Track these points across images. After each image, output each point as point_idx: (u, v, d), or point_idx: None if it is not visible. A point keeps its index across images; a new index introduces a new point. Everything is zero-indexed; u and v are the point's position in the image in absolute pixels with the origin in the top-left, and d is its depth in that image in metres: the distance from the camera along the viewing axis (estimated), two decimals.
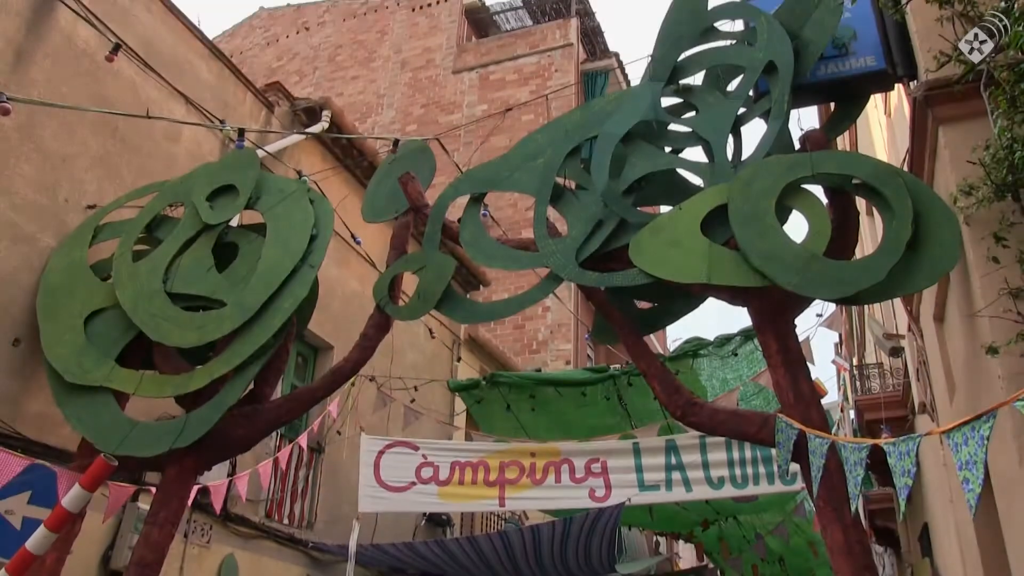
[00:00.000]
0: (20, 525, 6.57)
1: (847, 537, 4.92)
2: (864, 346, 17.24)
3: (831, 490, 4.97)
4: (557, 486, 9.68)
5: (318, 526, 10.63)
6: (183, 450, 6.19)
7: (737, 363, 10.75)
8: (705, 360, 10.90)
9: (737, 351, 10.59)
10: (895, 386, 11.88)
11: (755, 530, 15.77)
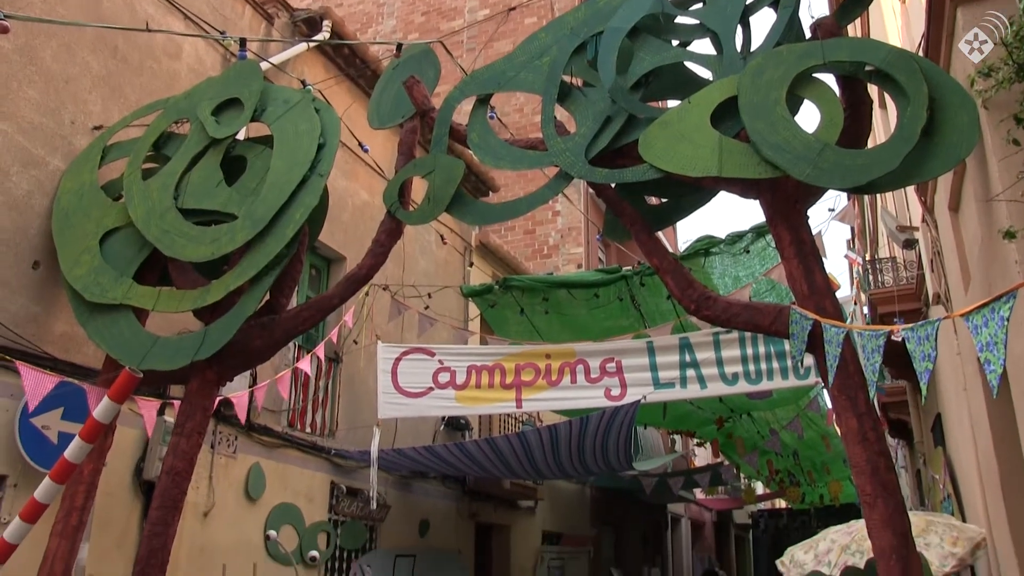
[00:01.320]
0: (56, 439, 6.78)
1: (861, 424, 4.98)
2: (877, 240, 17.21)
3: (846, 379, 5.03)
4: (573, 386, 9.80)
5: (340, 434, 10.86)
6: (204, 362, 6.30)
7: (749, 260, 10.75)
8: (717, 258, 10.90)
9: (749, 248, 10.58)
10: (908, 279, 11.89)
11: (769, 426, 16.03)
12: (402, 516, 12.17)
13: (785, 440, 16.14)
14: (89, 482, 6.41)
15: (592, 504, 20.37)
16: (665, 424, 15.97)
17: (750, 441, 16.43)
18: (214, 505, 8.60)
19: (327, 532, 10.36)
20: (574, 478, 16.14)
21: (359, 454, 10.37)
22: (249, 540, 9.08)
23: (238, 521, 8.96)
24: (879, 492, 4.83)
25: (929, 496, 13.27)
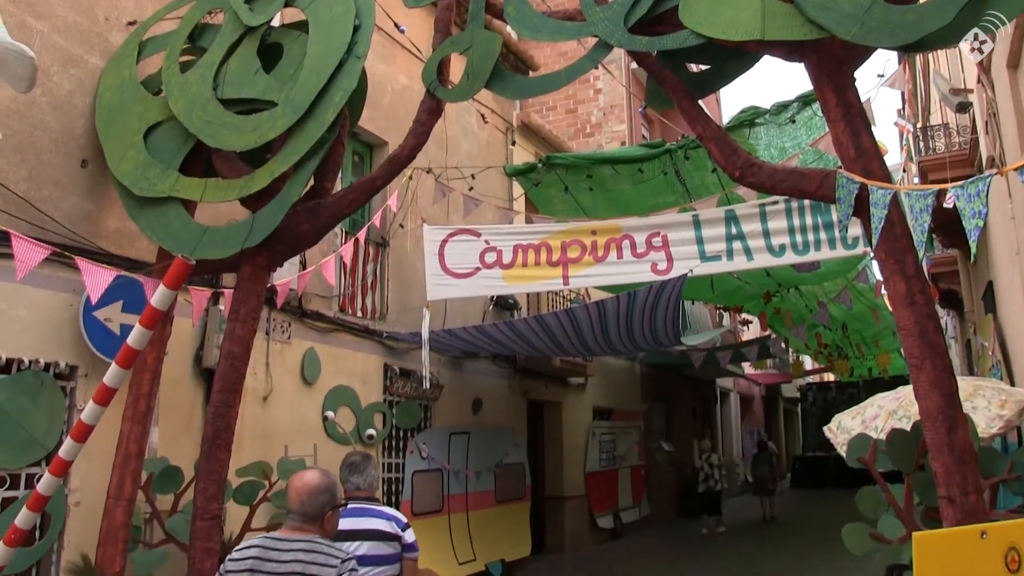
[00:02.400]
0: (119, 330, 7.01)
1: (909, 287, 4.94)
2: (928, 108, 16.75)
3: (893, 242, 4.98)
4: (619, 262, 9.80)
5: (390, 317, 11.06)
6: (254, 249, 6.41)
7: (795, 130, 10.54)
8: (762, 129, 10.70)
9: (795, 117, 10.36)
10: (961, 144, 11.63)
11: (817, 299, 15.99)
12: (455, 395, 12.47)
13: (833, 313, 16.11)
14: (153, 369, 6.65)
15: (642, 380, 20.64)
16: (713, 299, 16.01)
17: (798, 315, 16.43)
18: (272, 390, 8.89)
19: (383, 412, 10.67)
20: (623, 354, 16.31)
21: (410, 336, 10.57)
22: (308, 422, 9.41)
23: (296, 404, 9.27)
24: (927, 354, 4.83)
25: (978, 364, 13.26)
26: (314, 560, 3.45)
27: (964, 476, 4.65)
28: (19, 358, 6.47)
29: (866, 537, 5.80)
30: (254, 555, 3.52)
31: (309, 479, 3.71)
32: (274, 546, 3.56)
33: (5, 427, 6.31)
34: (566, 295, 15.27)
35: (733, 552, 16.07)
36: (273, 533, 3.70)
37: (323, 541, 3.59)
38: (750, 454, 27.66)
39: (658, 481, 21.03)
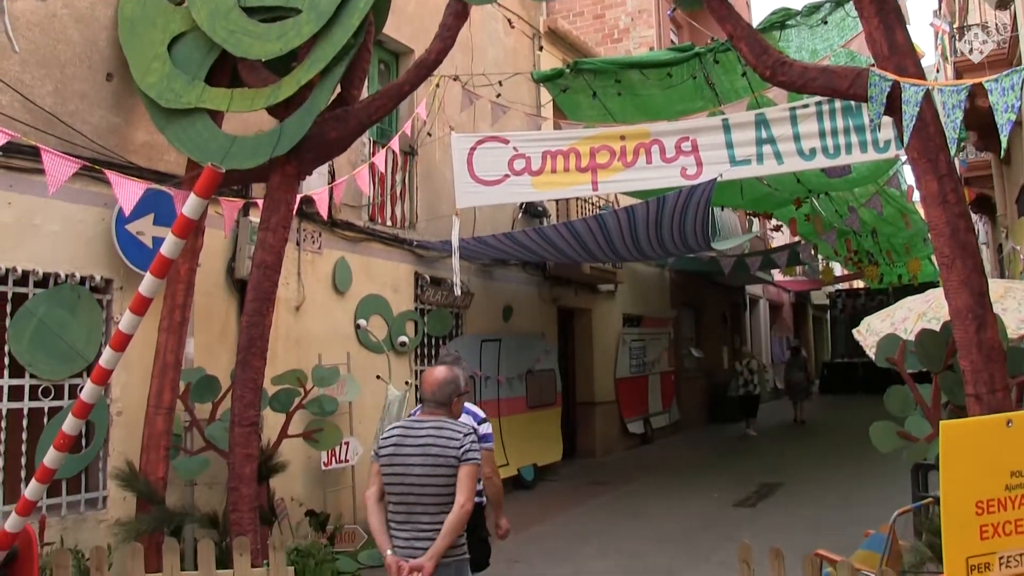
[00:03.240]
0: (151, 244, 7.09)
1: (942, 186, 4.88)
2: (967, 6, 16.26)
3: (926, 140, 4.90)
4: (648, 167, 9.70)
5: (420, 225, 11.09)
6: (283, 157, 6.42)
7: (827, 31, 10.28)
8: (793, 31, 10.44)
9: (827, 19, 10.09)
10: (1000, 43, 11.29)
11: (847, 204, 15.77)
12: (486, 303, 12.57)
13: (864, 218, 15.89)
14: (187, 281, 6.75)
15: (671, 287, 20.65)
16: (743, 205, 15.85)
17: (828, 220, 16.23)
18: (305, 299, 8.99)
19: (414, 320, 10.79)
20: (653, 260, 16.30)
21: (440, 244, 10.60)
22: (340, 330, 9.54)
23: (328, 313, 9.39)
24: (957, 253, 4.80)
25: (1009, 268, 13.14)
26: (442, 434, 4.41)
27: (992, 374, 4.66)
28: (55, 272, 6.59)
29: (894, 435, 5.84)
30: (398, 434, 4.51)
31: (438, 374, 4.68)
32: (412, 426, 4.53)
33: (47, 340, 6.46)
34: (595, 202, 15.21)
35: (763, 454, 16.29)
36: (412, 417, 4.75)
37: (450, 421, 4.56)
38: (779, 361, 27.82)
39: (688, 387, 21.23)
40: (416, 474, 4.33)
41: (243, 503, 6.14)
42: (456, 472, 4.31)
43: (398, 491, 4.39)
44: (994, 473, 2.55)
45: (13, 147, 5.97)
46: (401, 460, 4.39)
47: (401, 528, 4.38)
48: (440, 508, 4.31)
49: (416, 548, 4.27)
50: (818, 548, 5.47)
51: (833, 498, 11.12)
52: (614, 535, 9.36)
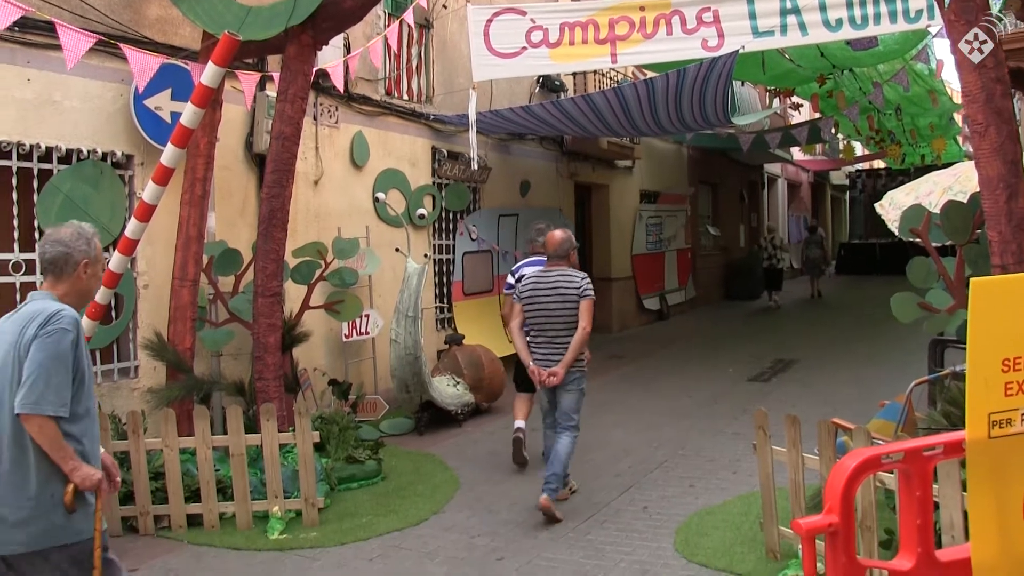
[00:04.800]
0: (169, 118, 7.03)
1: None
2: None
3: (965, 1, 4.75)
4: (668, 38, 9.47)
5: (437, 99, 10.98)
6: (299, 27, 6.33)
7: None
8: None
9: None
10: None
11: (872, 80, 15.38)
12: (503, 177, 12.53)
13: (888, 96, 15.49)
14: (206, 154, 6.74)
15: (689, 163, 20.49)
16: (764, 80, 15.50)
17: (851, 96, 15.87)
18: (323, 174, 8.98)
19: (432, 195, 10.79)
20: (671, 134, 16.11)
21: (457, 118, 10.50)
22: (359, 204, 9.56)
23: (347, 187, 9.39)
24: (992, 119, 4.70)
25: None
26: (565, 278, 6.14)
27: (1020, 244, 4.63)
28: (78, 148, 6.58)
29: (914, 306, 5.86)
30: (533, 280, 6.21)
31: (559, 234, 6.34)
32: (543, 274, 6.23)
33: (72, 215, 6.48)
34: (613, 77, 14.96)
35: (778, 331, 16.45)
36: (541, 268, 6.36)
37: (569, 269, 6.23)
38: (796, 240, 27.78)
39: (704, 265, 21.29)
40: (550, 308, 6.09)
41: (268, 371, 6.28)
42: (578, 305, 6.04)
43: (536, 320, 6.16)
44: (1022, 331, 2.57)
45: (29, 22, 5.89)
46: (538, 298, 6.13)
47: (539, 347, 6.17)
48: (567, 331, 6.05)
49: (551, 360, 6.08)
50: None
51: (847, 374, 11.21)
52: (630, 407, 9.55)
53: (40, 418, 3.09)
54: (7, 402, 3.18)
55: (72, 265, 3.38)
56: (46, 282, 3.43)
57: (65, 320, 3.20)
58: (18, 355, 3.17)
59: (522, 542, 5.60)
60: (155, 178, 4.53)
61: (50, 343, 3.14)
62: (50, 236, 3.43)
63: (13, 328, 3.24)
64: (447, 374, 9.25)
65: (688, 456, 7.60)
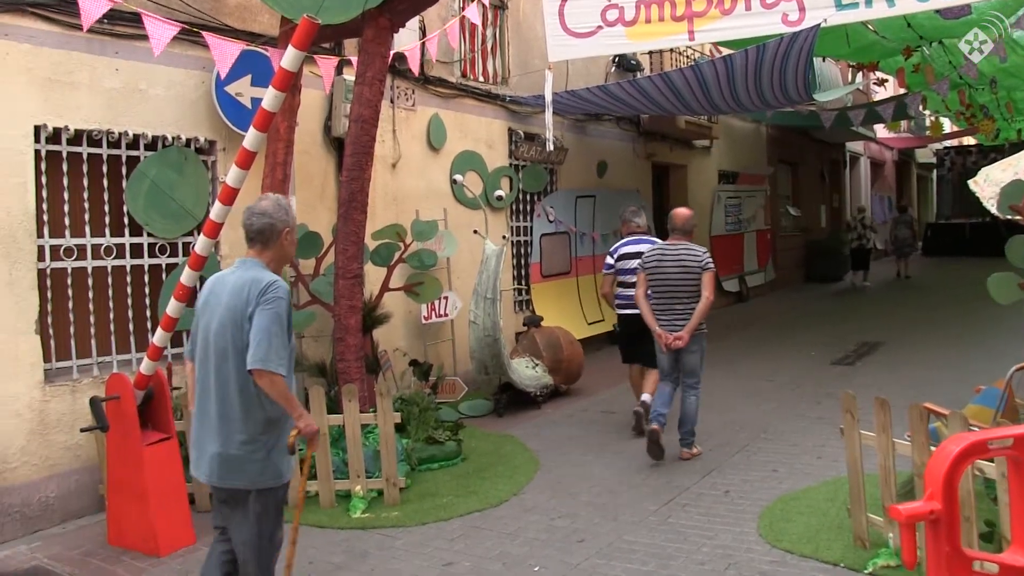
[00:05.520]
0: (250, 104, 7.15)
1: None
2: None
3: None
4: (747, 13, 9.26)
5: (512, 80, 10.95)
6: (375, 10, 6.35)
7: None
8: None
9: None
10: None
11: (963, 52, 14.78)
12: (580, 159, 12.45)
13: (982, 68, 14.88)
14: (286, 139, 6.80)
15: (768, 142, 20.13)
16: (847, 54, 15.05)
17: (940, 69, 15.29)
18: (401, 156, 9.03)
19: (509, 176, 10.78)
20: (751, 112, 15.80)
21: (533, 99, 10.46)
22: (436, 186, 9.60)
23: (424, 169, 9.44)
24: None
25: None
26: (689, 252, 6.80)
27: None
28: (163, 135, 6.72)
29: (1014, 287, 5.63)
30: (659, 253, 6.91)
31: (685, 211, 7.11)
32: (668, 247, 6.92)
33: (159, 200, 6.66)
34: (689, 55, 14.73)
35: (863, 313, 16.09)
36: (666, 242, 7.07)
37: (693, 244, 6.90)
38: (879, 220, 27.11)
39: (784, 246, 20.91)
40: (674, 278, 6.77)
41: (350, 352, 6.34)
42: (700, 276, 6.71)
43: (661, 290, 6.83)
44: None
45: (116, 14, 6.03)
46: (663, 269, 6.81)
47: (664, 313, 6.83)
48: (691, 299, 6.72)
49: (675, 325, 6.75)
50: None
51: (937, 358, 10.81)
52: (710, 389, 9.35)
53: (270, 373, 3.51)
54: (231, 356, 3.62)
55: (276, 234, 3.81)
56: (253, 250, 3.81)
57: (281, 290, 3.64)
58: (234, 317, 3.61)
59: (603, 525, 5.57)
60: (238, 162, 4.59)
61: (272, 309, 3.56)
62: (253, 209, 3.83)
63: (233, 289, 3.66)
64: (526, 356, 9.25)
65: (770, 440, 7.47)
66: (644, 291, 6.91)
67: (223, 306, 3.66)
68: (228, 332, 3.63)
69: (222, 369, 3.65)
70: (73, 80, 6.13)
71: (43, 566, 5.25)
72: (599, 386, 10.00)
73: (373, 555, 5.21)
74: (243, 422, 3.63)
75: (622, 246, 8.00)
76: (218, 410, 3.65)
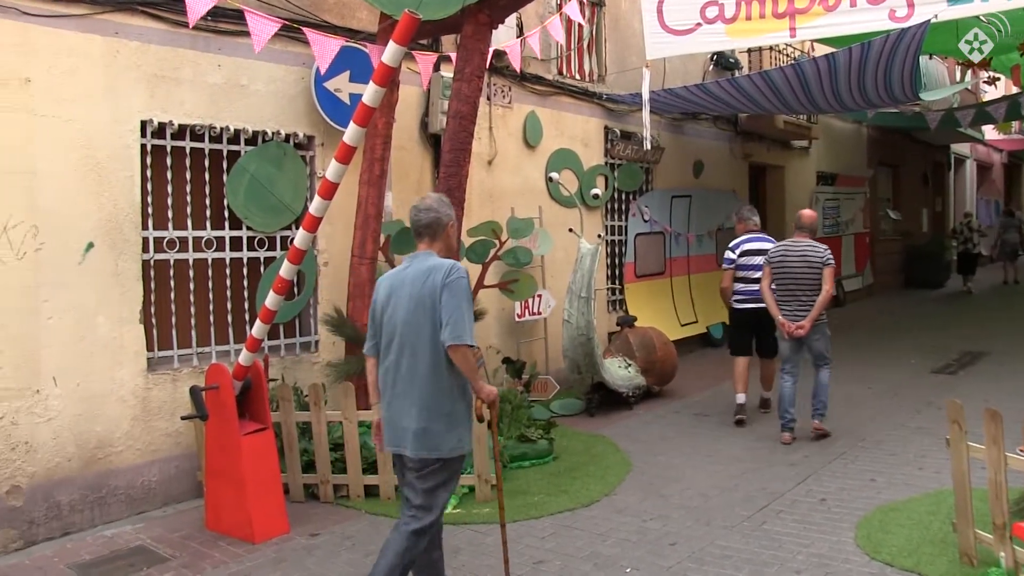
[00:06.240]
0: (348, 100, 7.24)
1: None
2: None
3: None
4: (852, 9, 8.97)
5: (609, 79, 10.88)
6: (475, 6, 6.34)
7: None
8: None
9: None
10: None
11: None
12: (676, 158, 12.31)
13: None
14: (384, 135, 6.88)
15: (868, 143, 19.62)
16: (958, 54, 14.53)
17: None
18: (496, 154, 9.05)
19: (604, 175, 10.70)
20: (852, 111, 15.41)
21: (630, 97, 10.37)
22: (532, 184, 9.59)
23: (520, 167, 9.44)
24: None
25: None
26: (812, 249, 7.44)
27: None
28: (263, 130, 6.85)
29: None
30: (783, 248, 7.56)
31: (811, 212, 7.80)
32: (792, 244, 7.54)
33: (258, 194, 6.78)
34: (789, 53, 14.43)
35: (966, 320, 15.52)
36: (790, 239, 7.64)
37: (815, 242, 7.53)
38: (986, 225, 26.18)
39: (883, 250, 20.35)
40: (797, 272, 7.40)
41: None
42: (822, 271, 7.34)
43: (786, 282, 7.48)
44: None
45: (219, 11, 6.15)
46: (788, 264, 7.45)
47: (787, 304, 7.48)
48: (813, 292, 7.35)
49: (798, 315, 7.40)
50: None
51: None
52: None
53: (464, 347, 3.82)
54: (423, 338, 3.90)
55: (442, 227, 4.11)
56: (422, 243, 4.10)
57: (462, 270, 3.95)
58: (422, 303, 3.90)
59: (695, 528, 5.47)
60: (338, 156, 4.63)
61: (458, 288, 3.87)
62: (420, 206, 4.12)
63: (414, 279, 3.95)
64: (619, 356, 9.17)
65: (868, 448, 7.25)
66: (769, 283, 7.58)
67: (407, 296, 3.95)
68: (417, 317, 3.91)
69: (414, 352, 3.93)
70: (178, 76, 6.29)
71: (146, 546, 5.42)
72: (692, 388, 9.86)
73: (464, 550, 5.21)
74: (435, 398, 3.92)
75: (743, 243, 8.38)
76: (410, 390, 3.94)
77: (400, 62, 4.68)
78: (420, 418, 3.90)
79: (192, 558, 5.21)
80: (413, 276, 3.98)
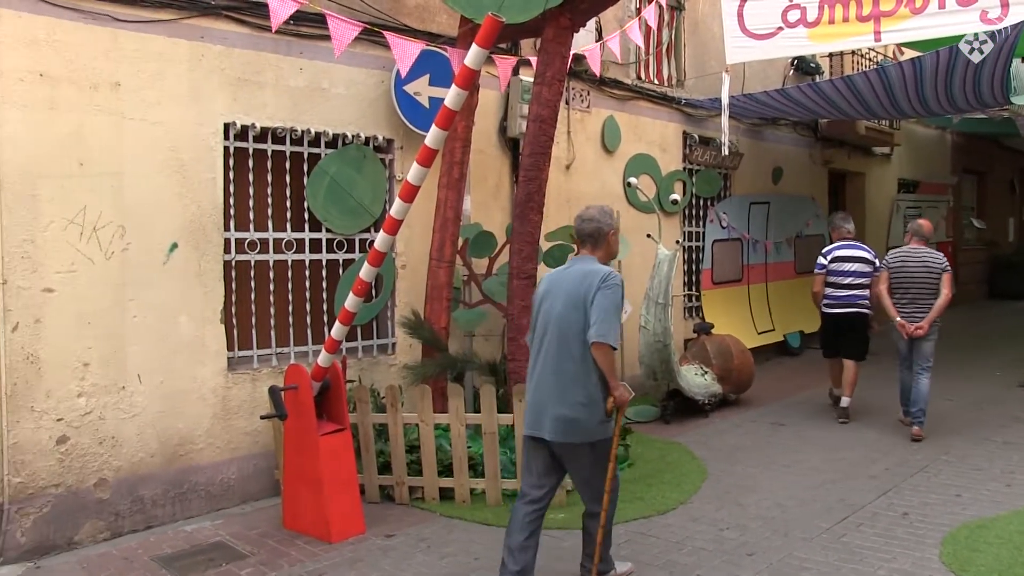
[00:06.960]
0: (427, 104, 7.28)
1: None
2: None
3: None
4: (941, 12, 8.73)
5: (688, 83, 10.78)
6: (556, 9, 6.31)
7: None
8: None
9: None
10: None
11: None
12: (755, 164, 12.15)
13: None
14: (464, 138, 6.90)
15: (952, 150, 19.12)
16: None
17: None
18: (575, 158, 9.02)
19: (683, 180, 10.61)
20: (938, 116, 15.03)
21: (709, 102, 10.26)
22: (610, 189, 9.54)
23: (598, 172, 9.40)
24: None
25: None
26: (931, 256, 7.93)
27: None
28: (343, 133, 6.92)
29: None
30: (903, 254, 8.06)
31: (927, 222, 8.41)
32: (911, 251, 8.04)
33: (338, 197, 6.86)
34: (872, 57, 14.13)
35: None
36: (908, 247, 8.12)
37: (930, 249, 8.06)
38: None
39: (966, 259, 19.79)
40: (917, 277, 7.88)
41: (521, 352, 6.33)
42: (940, 277, 7.80)
43: (905, 286, 7.92)
44: None
45: (301, 15, 6.24)
46: (907, 269, 7.92)
47: (904, 307, 7.92)
48: (931, 296, 7.82)
49: (916, 316, 7.85)
50: None
51: None
52: (883, 405, 8.99)
53: (607, 346, 4.15)
54: (573, 333, 4.23)
55: (603, 236, 4.49)
56: (585, 249, 4.49)
57: (617, 279, 4.27)
58: (576, 302, 4.24)
59: (772, 539, 5.37)
60: (419, 159, 4.65)
61: (611, 294, 4.20)
62: (583, 216, 4.51)
63: (573, 280, 4.32)
64: (695, 363, 9.07)
65: (952, 463, 7.05)
66: (887, 287, 8.04)
67: (565, 293, 4.30)
68: (571, 314, 4.25)
69: (565, 344, 4.26)
70: (260, 79, 6.38)
71: (226, 542, 5.50)
72: (769, 397, 9.71)
73: (539, 556, 5.17)
74: (582, 387, 4.22)
75: (835, 249, 8.74)
76: (558, 379, 4.27)
77: (482, 65, 4.69)
78: (564, 405, 4.21)
79: (270, 555, 5.28)
80: (573, 276, 4.34)
